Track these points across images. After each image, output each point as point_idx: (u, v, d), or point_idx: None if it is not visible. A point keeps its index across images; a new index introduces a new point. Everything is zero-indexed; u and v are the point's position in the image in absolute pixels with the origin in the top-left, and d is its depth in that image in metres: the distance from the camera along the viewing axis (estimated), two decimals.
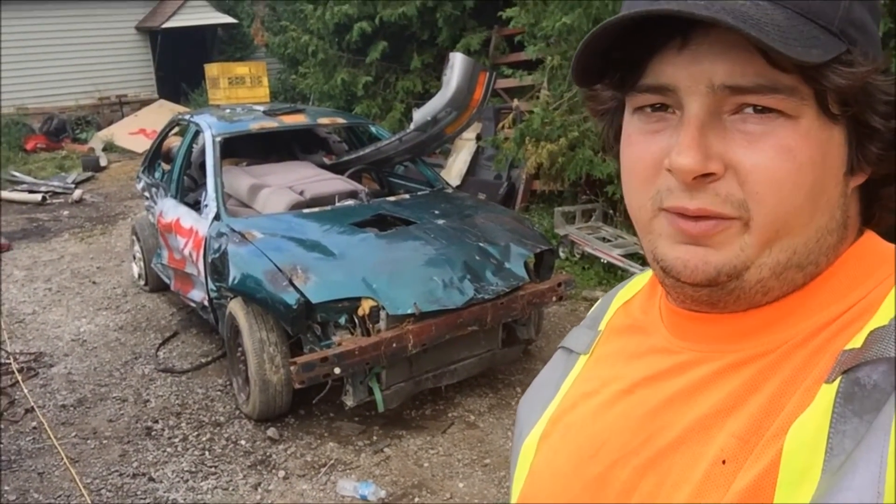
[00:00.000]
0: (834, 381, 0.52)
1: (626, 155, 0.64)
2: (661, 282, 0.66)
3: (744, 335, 0.62)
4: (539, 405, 0.78)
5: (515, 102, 7.67)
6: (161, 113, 13.58)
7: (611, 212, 6.75)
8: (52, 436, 4.06)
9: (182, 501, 3.54)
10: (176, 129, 6.73)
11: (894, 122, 0.57)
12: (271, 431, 4.06)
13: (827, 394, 0.52)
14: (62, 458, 3.85)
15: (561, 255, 6.44)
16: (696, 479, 0.58)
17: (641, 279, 0.79)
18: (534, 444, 0.75)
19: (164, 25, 15.44)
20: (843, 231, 0.61)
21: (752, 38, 0.51)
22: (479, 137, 8.25)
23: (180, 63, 15.99)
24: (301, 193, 5.09)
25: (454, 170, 8.24)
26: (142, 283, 6.43)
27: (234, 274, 4.07)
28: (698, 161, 0.56)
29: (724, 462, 0.56)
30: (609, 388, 0.71)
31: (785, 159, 0.55)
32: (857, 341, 0.54)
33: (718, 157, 0.56)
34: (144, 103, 15.45)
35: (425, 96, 8.42)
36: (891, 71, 0.58)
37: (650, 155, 0.60)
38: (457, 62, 5.00)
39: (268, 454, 3.89)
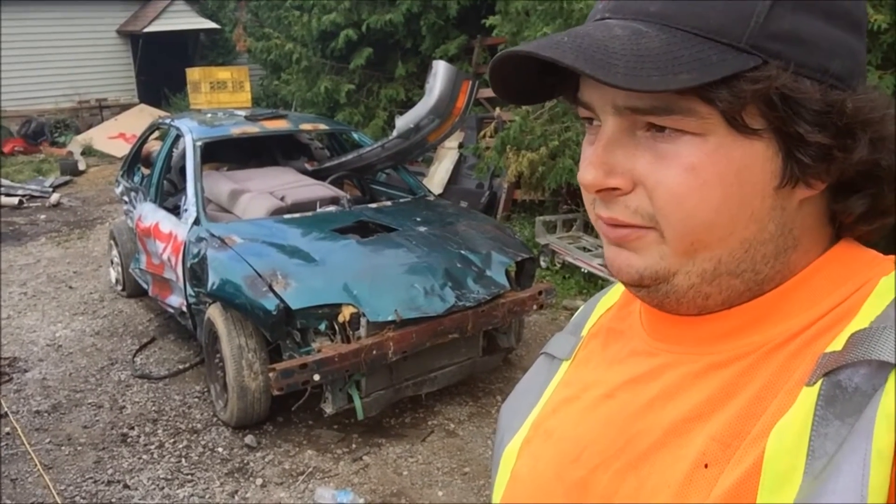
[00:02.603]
0: (815, 383, 0.52)
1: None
2: None
3: (721, 337, 0.63)
4: (521, 411, 0.79)
5: (497, 111, 7.70)
6: (141, 117, 13.48)
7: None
8: (25, 442, 3.99)
9: None
10: (156, 134, 6.68)
11: (819, 131, 0.55)
12: (249, 439, 4.03)
13: (808, 397, 0.52)
14: (36, 465, 3.79)
15: (542, 264, 6.46)
16: (676, 482, 0.58)
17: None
18: (515, 450, 0.75)
19: (146, 30, 15.35)
20: (787, 241, 0.61)
21: (587, 75, 0.53)
22: (461, 146, 8.27)
23: (162, 68, 15.89)
24: (282, 199, 5.08)
25: (436, 178, 8.24)
26: (119, 288, 6.37)
27: (213, 279, 4.03)
28: (598, 177, 0.60)
29: (706, 466, 0.56)
30: (590, 392, 0.71)
31: (687, 177, 0.57)
32: (837, 344, 0.54)
33: (626, 173, 0.59)
34: (125, 107, 15.34)
35: (408, 104, 8.43)
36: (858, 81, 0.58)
37: None
38: (440, 70, 5.01)
39: (245, 462, 3.86)
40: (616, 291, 0.81)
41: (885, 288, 0.57)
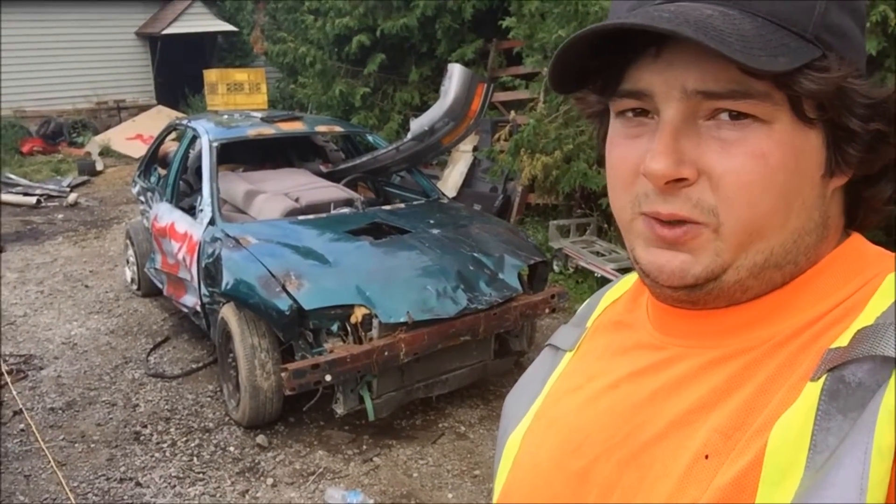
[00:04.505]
0: (819, 378, 0.52)
1: (609, 158, 0.65)
2: (642, 281, 0.67)
3: (728, 332, 0.63)
4: (525, 401, 0.79)
5: (512, 115, 7.69)
6: (159, 119, 13.56)
7: (605, 226, 6.76)
8: (39, 438, 4.03)
9: None
10: (173, 134, 6.73)
11: (872, 124, 0.57)
12: (260, 438, 4.04)
13: (812, 391, 0.52)
14: (49, 461, 3.82)
15: (555, 268, 6.45)
16: (677, 473, 0.58)
17: (630, 279, 0.80)
18: (518, 439, 0.76)
19: (165, 32, 15.45)
20: (823, 231, 0.61)
21: (712, 50, 0.52)
22: (475, 149, 8.27)
23: (179, 69, 15.99)
24: (297, 200, 5.10)
25: (450, 181, 8.25)
26: (134, 287, 6.41)
27: (227, 279, 4.05)
28: (670, 166, 0.57)
29: (706, 457, 0.56)
30: (593, 383, 0.71)
31: (756, 164, 0.56)
32: (842, 340, 0.54)
33: (692, 163, 0.58)
34: (142, 109, 15.44)
35: (423, 108, 8.44)
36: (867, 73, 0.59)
37: (630, 159, 0.61)
38: (455, 73, 5.01)
39: (256, 461, 3.87)
40: (622, 285, 0.81)
41: (890, 285, 0.58)
